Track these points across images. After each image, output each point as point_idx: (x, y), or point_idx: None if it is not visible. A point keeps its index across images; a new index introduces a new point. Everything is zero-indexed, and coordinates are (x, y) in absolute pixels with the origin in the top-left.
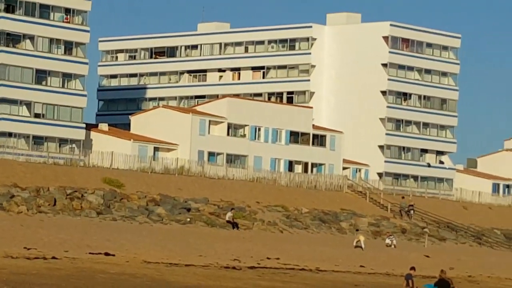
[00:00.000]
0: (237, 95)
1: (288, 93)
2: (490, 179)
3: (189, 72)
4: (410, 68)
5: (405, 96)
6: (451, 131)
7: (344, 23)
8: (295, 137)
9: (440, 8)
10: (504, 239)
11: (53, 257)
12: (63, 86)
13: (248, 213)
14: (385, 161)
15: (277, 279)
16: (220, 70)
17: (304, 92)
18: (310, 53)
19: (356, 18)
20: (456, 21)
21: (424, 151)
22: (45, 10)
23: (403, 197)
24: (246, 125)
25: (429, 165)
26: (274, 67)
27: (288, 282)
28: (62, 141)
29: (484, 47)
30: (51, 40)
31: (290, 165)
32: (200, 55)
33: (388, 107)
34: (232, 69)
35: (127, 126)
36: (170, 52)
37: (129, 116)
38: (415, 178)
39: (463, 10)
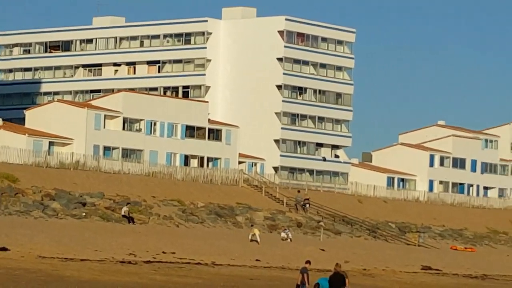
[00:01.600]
0: (132, 90)
1: (184, 87)
2: (385, 173)
3: (84, 66)
4: (305, 63)
5: (301, 90)
6: (346, 125)
7: (240, 18)
8: (190, 131)
9: (335, 3)
10: (398, 232)
11: None
12: None
13: (143, 207)
14: (281, 155)
15: (173, 273)
16: (115, 65)
17: (199, 87)
18: (205, 48)
19: (252, 12)
20: (350, 15)
21: (320, 145)
22: None
23: (298, 191)
24: (141, 120)
25: (324, 159)
26: (170, 62)
27: (184, 276)
28: None
29: (379, 42)
30: None
31: (186, 160)
32: (95, 49)
33: (283, 101)
34: (128, 63)
35: (22, 120)
36: (65, 46)
37: (24, 111)
38: (311, 172)
39: (358, 5)
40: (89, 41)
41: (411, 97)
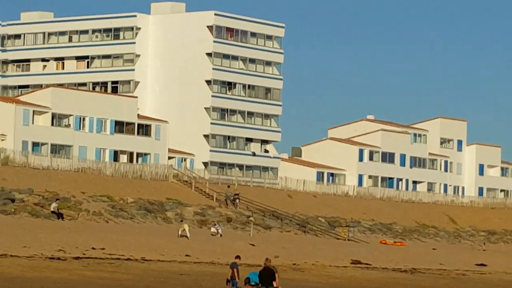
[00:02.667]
0: (61, 85)
1: (113, 82)
2: (314, 168)
3: (12, 61)
4: (235, 58)
5: (230, 85)
6: (276, 120)
7: (169, 12)
8: (120, 127)
9: None
10: (328, 227)
11: None
12: None
13: (73, 203)
14: (210, 150)
15: (103, 269)
16: (43, 60)
17: (129, 82)
18: (134, 43)
19: (181, 7)
20: (279, 10)
21: (249, 140)
22: None
23: (228, 186)
24: (70, 115)
25: (254, 154)
26: (99, 57)
27: (113, 272)
28: None
29: (308, 36)
30: None
31: (115, 155)
32: (24, 44)
33: (213, 96)
34: (56, 59)
35: None
36: None
37: None
38: (240, 167)
39: (287, 0)
40: (17, 36)
41: (340, 92)
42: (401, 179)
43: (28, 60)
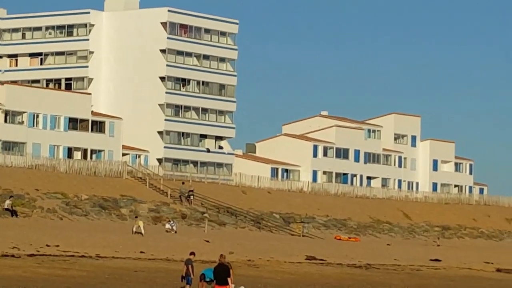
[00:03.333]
0: (14, 82)
1: (67, 79)
2: (268, 164)
3: None
4: (189, 54)
5: (184, 82)
6: (230, 117)
7: (122, 9)
8: (73, 123)
9: None
10: (283, 223)
11: None
12: None
13: (27, 200)
14: (165, 147)
15: (57, 267)
16: None
17: (82, 79)
18: (88, 39)
19: (134, 3)
20: (233, 7)
21: (203, 136)
22: None
23: (183, 183)
24: (24, 112)
25: (208, 151)
26: (52, 54)
27: (67, 269)
28: None
29: (262, 33)
30: None
31: (69, 152)
32: None
33: (167, 93)
34: (9, 56)
35: None
36: None
37: None
38: (195, 163)
39: None
40: None
41: (294, 88)
42: (355, 175)
43: None
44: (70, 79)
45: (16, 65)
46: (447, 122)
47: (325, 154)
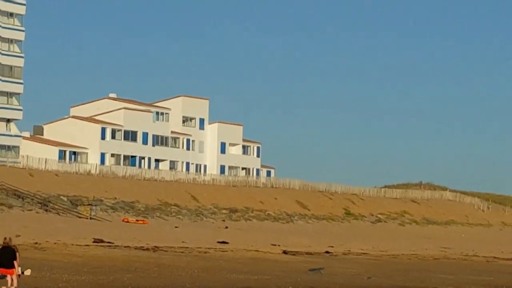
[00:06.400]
0: None
1: None
2: (56, 146)
3: None
4: None
5: None
6: (17, 98)
7: None
8: None
9: None
10: (70, 206)
11: None
12: None
13: None
14: None
15: None
16: None
17: None
18: None
19: None
20: None
21: None
22: None
23: None
24: None
25: None
26: None
27: None
28: None
29: (49, 14)
30: None
31: None
32: None
33: None
34: None
35: None
36: None
37: None
38: None
39: None
40: None
41: (83, 70)
42: (143, 158)
43: None
44: None
45: None
46: (234, 106)
47: (113, 137)
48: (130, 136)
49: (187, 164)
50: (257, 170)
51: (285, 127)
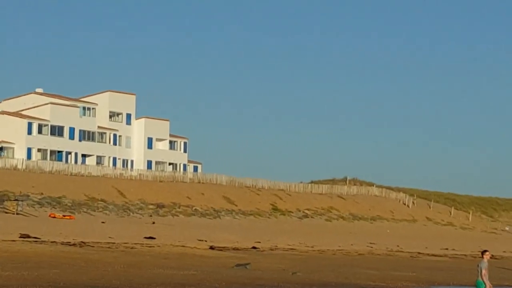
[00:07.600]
0: None
1: None
2: None
3: None
4: None
5: None
6: None
7: None
8: None
9: None
10: None
11: None
12: None
13: None
14: None
15: None
16: None
17: None
18: None
19: None
20: None
21: None
22: None
23: None
24: None
25: None
26: None
27: None
28: None
29: None
30: None
31: None
32: None
33: None
34: None
35: None
36: None
37: None
38: None
39: None
40: None
41: (9, 65)
42: (70, 153)
43: None
44: None
45: None
46: (161, 101)
47: (40, 132)
48: (57, 131)
49: (114, 159)
50: (184, 166)
51: (212, 122)
